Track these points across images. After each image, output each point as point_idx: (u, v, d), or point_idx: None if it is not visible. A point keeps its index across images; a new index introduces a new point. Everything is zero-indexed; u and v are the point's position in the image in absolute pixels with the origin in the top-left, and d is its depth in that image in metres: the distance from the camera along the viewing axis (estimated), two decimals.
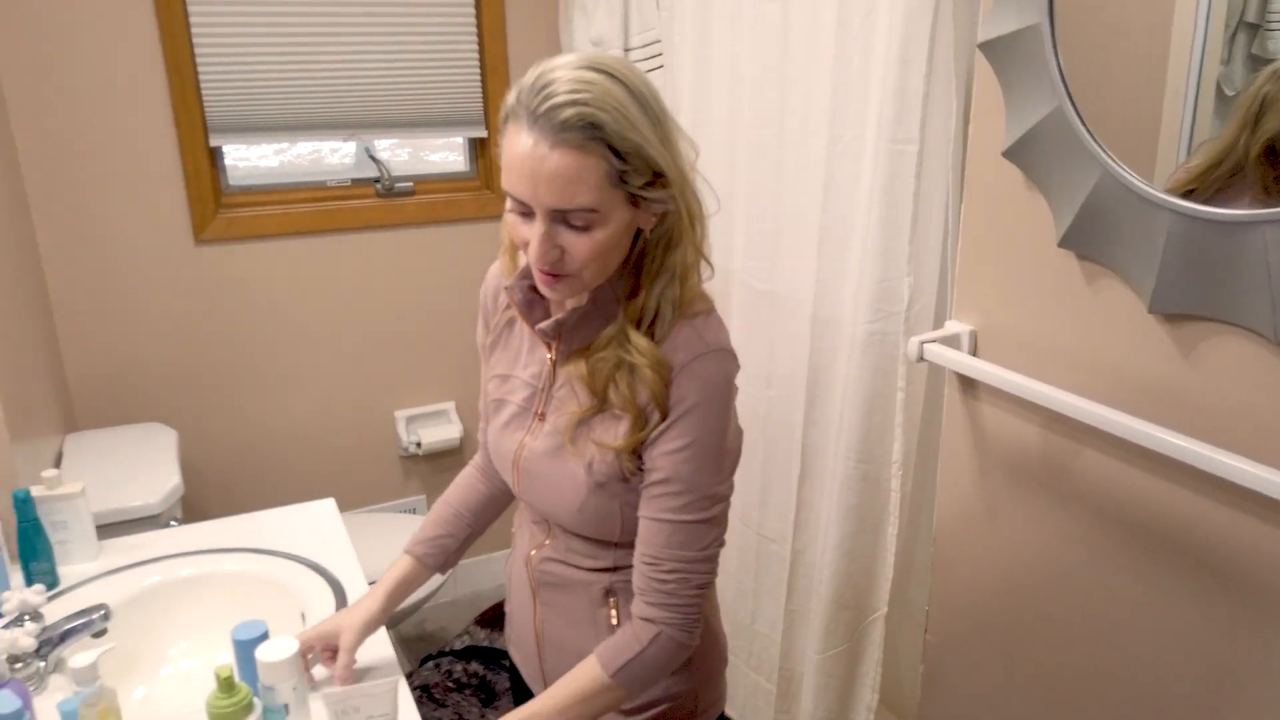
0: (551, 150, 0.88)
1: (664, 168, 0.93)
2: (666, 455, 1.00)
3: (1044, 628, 1.39)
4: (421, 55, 2.50)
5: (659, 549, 1.02)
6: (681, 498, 1.00)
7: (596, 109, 0.88)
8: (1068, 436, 1.30)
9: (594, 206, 0.91)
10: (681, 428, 0.99)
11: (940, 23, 1.46)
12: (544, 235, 0.93)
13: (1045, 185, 1.26)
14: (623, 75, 0.92)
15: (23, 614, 1.26)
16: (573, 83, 0.89)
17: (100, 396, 2.34)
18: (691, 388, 0.98)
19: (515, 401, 1.12)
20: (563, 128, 0.88)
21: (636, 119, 0.90)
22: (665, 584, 1.02)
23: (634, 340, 0.98)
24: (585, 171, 0.89)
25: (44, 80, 2.12)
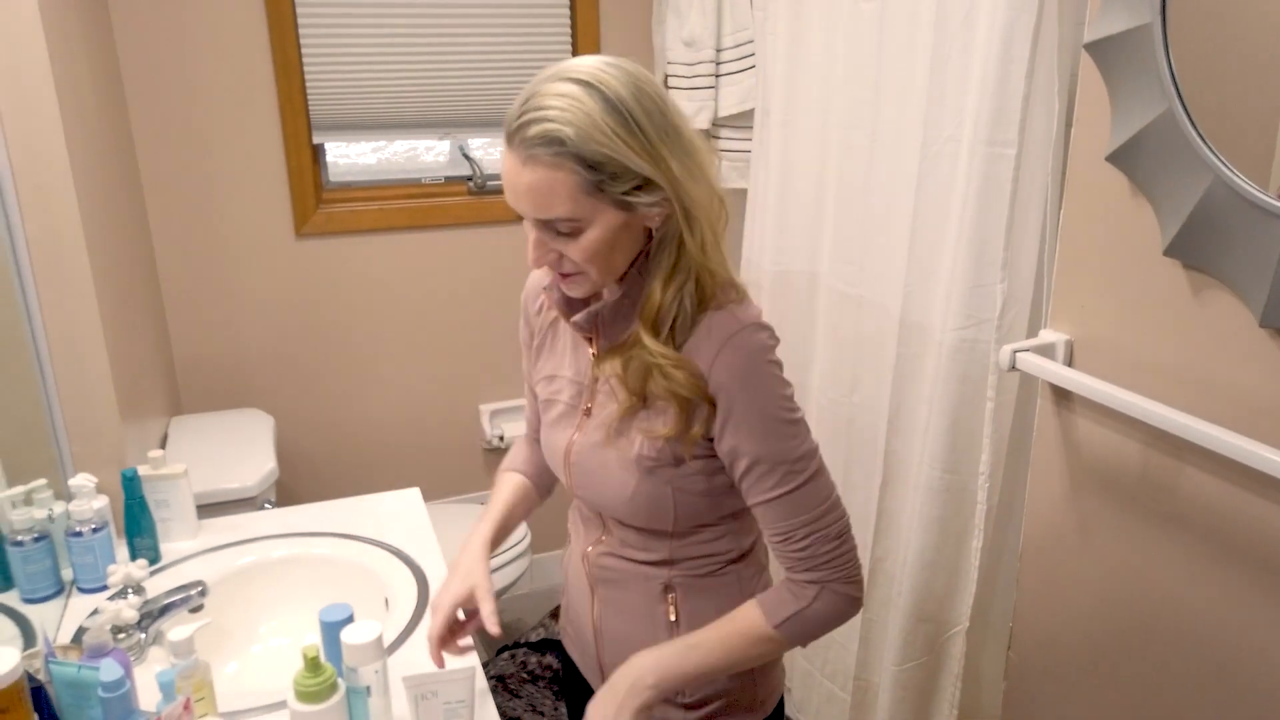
0: (523, 167, 0.93)
1: (649, 174, 0.94)
2: (739, 442, 1.00)
3: (1135, 652, 1.34)
4: (516, 56, 2.54)
5: (781, 524, 1.02)
6: (774, 474, 1.00)
7: (561, 124, 0.90)
8: (1168, 453, 1.25)
9: (571, 216, 0.94)
10: (739, 414, 0.99)
11: (1045, 21, 1.41)
12: (535, 241, 0.98)
13: (1151, 191, 1.21)
14: (606, 85, 0.93)
15: (126, 587, 1.32)
16: (550, 98, 0.92)
17: (204, 382, 2.45)
18: (732, 371, 0.99)
19: (563, 400, 1.14)
20: (530, 144, 0.91)
21: (609, 130, 0.91)
22: (804, 550, 1.02)
23: (647, 343, 1.00)
24: (556, 185, 0.92)
25: (162, 80, 2.23)
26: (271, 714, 1.15)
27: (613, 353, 1.05)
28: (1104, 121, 1.26)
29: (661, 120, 0.95)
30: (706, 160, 1.00)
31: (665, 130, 0.95)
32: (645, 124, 0.94)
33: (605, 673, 1.19)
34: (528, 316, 1.22)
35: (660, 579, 1.12)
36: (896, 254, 1.75)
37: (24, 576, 1.32)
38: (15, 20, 1.33)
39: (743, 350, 0.99)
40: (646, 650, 1.05)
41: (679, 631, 1.12)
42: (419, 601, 1.40)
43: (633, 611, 1.15)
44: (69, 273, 1.44)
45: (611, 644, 1.18)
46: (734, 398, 0.99)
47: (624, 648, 1.15)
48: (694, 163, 0.98)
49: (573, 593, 1.26)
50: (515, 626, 2.75)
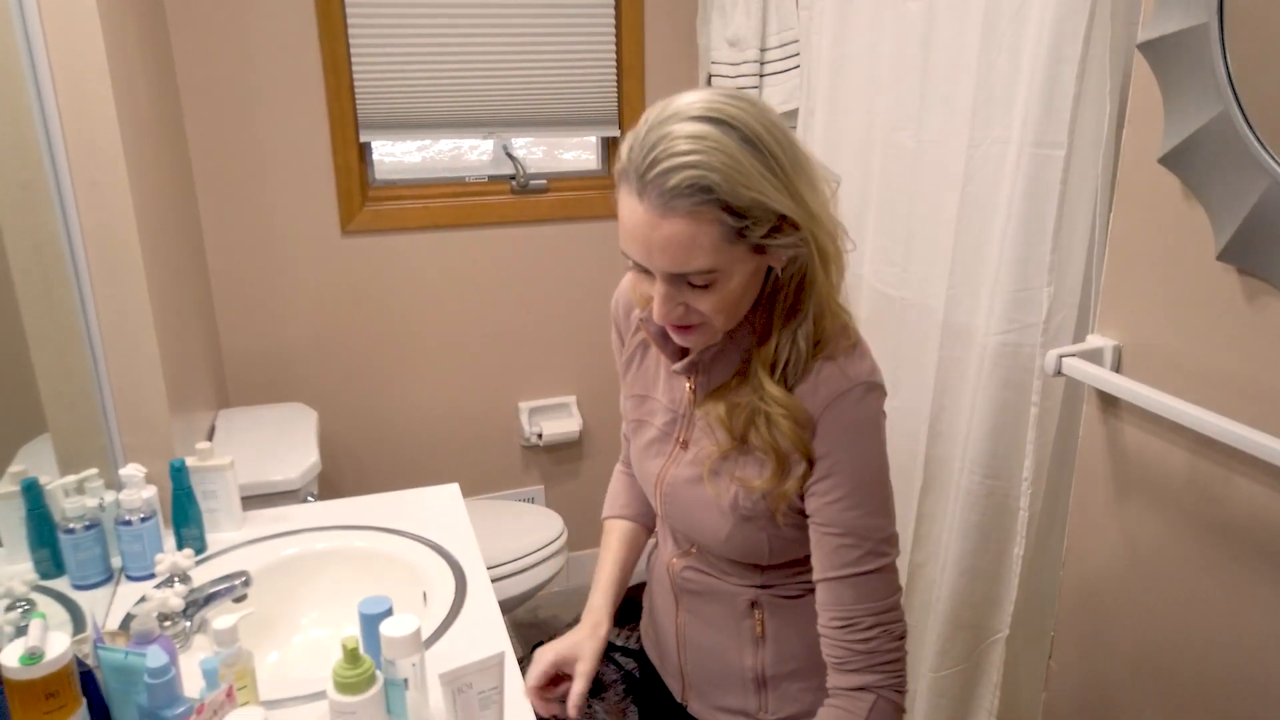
0: (662, 219, 0.85)
1: (789, 213, 0.87)
2: (829, 507, 0.96)
3: (1180, 664, 1.31)
4: (560, 56, 2.55)
5: (850, 607, 0.97)
6: (857, 549, 0.96)
7: (706, 170, 0.83)
8: (1218, 462, 1.22)
9: (712, 268, 0.87)
10: (838, 477, 0.95)
11: (1097, 20, 1.39)
12: (665, 295, 0.91)
13: (1205, 194, 1.18)
14: (739, 120, 0.85)
15: (173, 575, 1.35)
16: (682, 140, 0.84)
17: (250, 375, 2.49)
18: (838, 433, 0.94)
19: (656, 425, 1.10)
20: (672, 194, 0.83)
21: (753, 172, 0.84)
22: (868, 643, 0.97)
23: (767, 388, 0.94)
24: (699, 236, 0.85)
25: (214, 79, 2.27)
26: (311, 704, 1.17)
27: (716, 394, 1.00)
28: (1156, 123, 1.24)
29: (793, 152, 0.89)
30: (828, 190, 0.94)
31: (797, 163, 0.89)
32: (782, 159, 0.87)
33: (686, 679, 1.19)
34: (618, 326, 1.17)
35: (747, 596, 1.10)
36: (940, 256, 1.73)
37: (75, 563, 1.35)
38: (74, 20, 1.36)
39: (852, 413, 0.94)
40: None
41: (764, 646, 1.09)
42: (456, 596, 1.41)
43: (719, 624, 1.13)
44: (122, 267, 1.48)
45: (695, 652, 1.17)
46: (837, 462, 0.95)
47: (708, 658, 1.15)
48: (820, 193, 0.92)
49: (658, 597, 1.24)
50: (550, 623, 2.77)
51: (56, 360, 1.40)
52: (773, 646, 1.10)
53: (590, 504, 2.90)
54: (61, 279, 1.42)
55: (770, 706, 1.12)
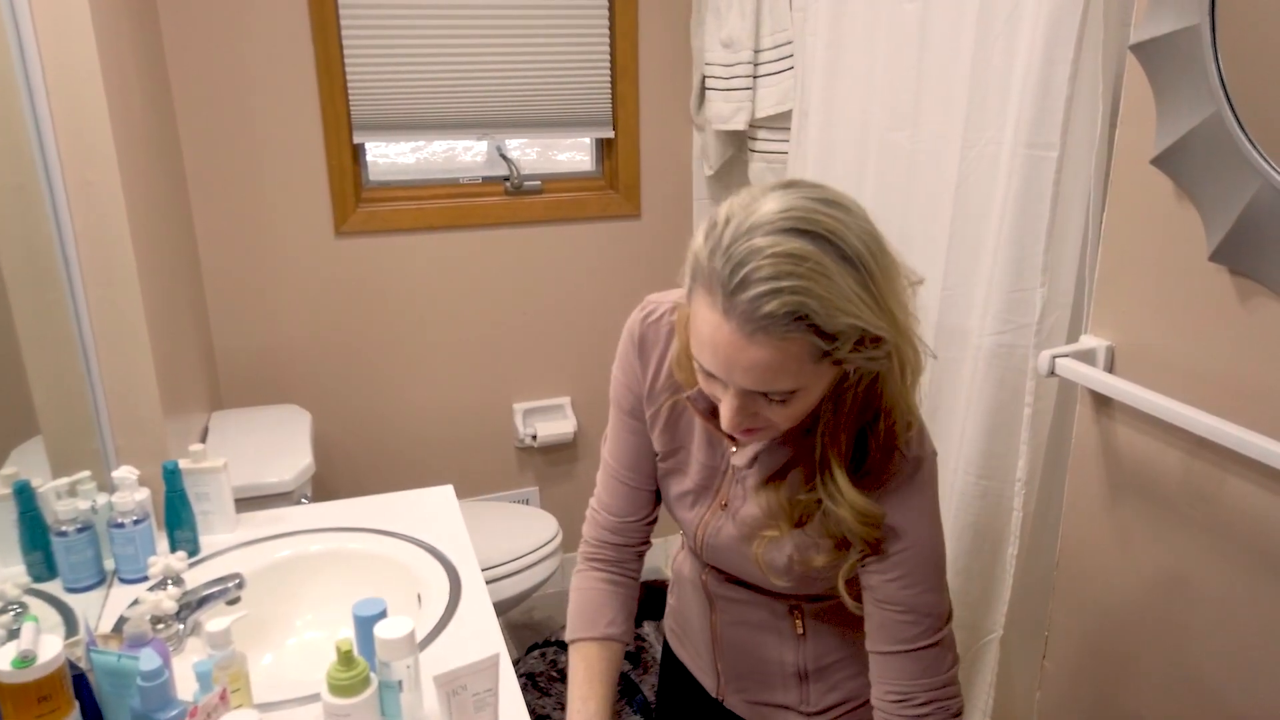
0: (749, 342, 0.79)
1: (881, 333, 0.82)
2: (888, 584, 0.95)
3: (1173, 664, 1.31)
4: (555, 57, 2.55)
5: (906, 682, 0.96)
6: (916, 626, 0.95)
7: (804, 297, 0.76)
8: (1211, 462, 1.22)
9: (795, 387, 0.83)
10: (902, 558, 0.94)
11: (1090, 22, 1.39)
12: (737, 409, 0.85)
13: (1197, 195, 1.19)
14: (836, 235, 0.79)
15: (166, 578, 1.35)
16: (776, 260, 0.76)
17: (244, 377, 2.48)
18: (902, 514, 0.93)
19: (690, 477, 1.07)
20: (766, 320, 0.77)
21: (850, 294, 0.78)
22: (923, 717, 0.96)
23: (842, 488, 0.90)
24: (789, 361, 0.80)
25: (207, 79, 2.27)
26: (305, 706, 1.16)
27: (774, 484, 0.98)
28: (1149, 124, 1.24)
29: (885, 262, 0.83)
30: (910, 291, 0.88)
31: (889, 275, 0.83)
32: (878, 275, 0.81)
33: (723, 675, 1.18)
34: (637, 364, 1.07)
35: (787, 603, 1.09)
36: (935, 257, 1.73)
37: (67, 566, 1.34)
38: (66, 21, 1.36)
39: (915, 492, 0.93)
40: None
41: (805, 643, 1.09)
42: (451, 598, 1.41)
43: (758, 625, 1.12)
44: (115, 268, 1.47)
45: (732, 650, 1.16)
46: (904, 540, 0.93)
47: (747, 655, 1.14)
48: (906, 299, 0.86)
49: (688, 600, 1.22)
50: (545, 624, 2.76)
51: (49, 362, 1.40)
52: (813, 643, 1.09)
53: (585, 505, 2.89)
54: (54, 280, 1.41)
55: (813, 699, 1.11)
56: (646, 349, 1.05)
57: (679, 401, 1.04)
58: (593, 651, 1.12)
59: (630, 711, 2.29)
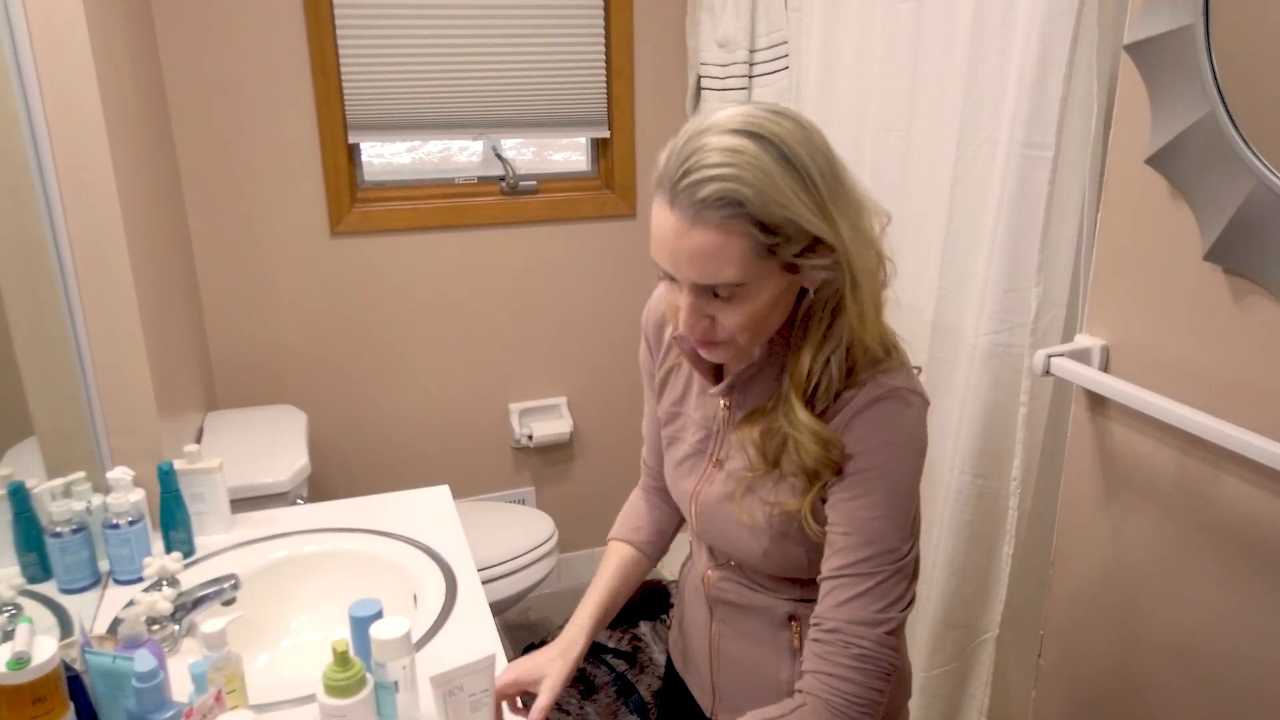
0: (692, 228, 0.84)
1: (822, 235, 0.86)
2: (844, 504, 0.94)
3: (1168, 662, 1.32)
4: (550, 57, 2.55)
5: (825, 609, 0.94)
6: (857, 552, 0.92)
7: (739, 184, 0.82)
8: (1205, 461, 1.23)
9: (739, 280, 0.87)
10: (859, 478, 0.93)
11: (1084, 22, 1.40)
12: (690, 306, 0.90)
13: (1192, 195, 1.19)
14: (777, 137, 0.84)
15: (161, 579, 1.35)
16: (718, 153, 0.83)
17: (239, 378, 2.48)
18: (867, 435, 0.92)
19: (689, 442, 1.09)
20: (702, 205, 0.83)
21: (787, 190, 0.84)
22: (821, 644, 0.93)
23: (796, 412, 0.93)
24: (728, 249, 0.84)
25: (202, 80, 2.26)
26: (301, 707, 1.16)
27: (751, 418, 0.99)
28: (1144, 124, 1.24)
29: (831, 175, 0.87)
30: (870, 217, 0.92)
31: (835, 186, 0.87)
32: (818, 180, 0.86)
33: (718, 694, 1.17)
34: (649, 341, 1.16)
35: (785, 609, 1.08)
36: (930, 257, 1.74)
37: (62, 567, 1.34)
38: (60, 22, 1.36)
39: (883, 417, 0.92)
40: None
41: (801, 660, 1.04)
42: (447, 598, 1.40)
43: (755, 636, 1.11)
44: (110, 269, 1.47)
45: (729, 665, 1.15)
46: (862, 464, 0.92)
47: (742, 671, 1.12)
48: (860, 221, 0.90)
49: (690, 610, 1.22)
50: (541, 625, 2.76)
51: (43, 363, 1.39)
52: None
53: (581, 505, 2.90)
54: (48, 281, 1.41)
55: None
56: (663, 319, 1.12)
57: (678, 362, 1.10)
58: (613, 550, 1.23)
59: (626, 711, 2.30)
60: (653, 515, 1.26)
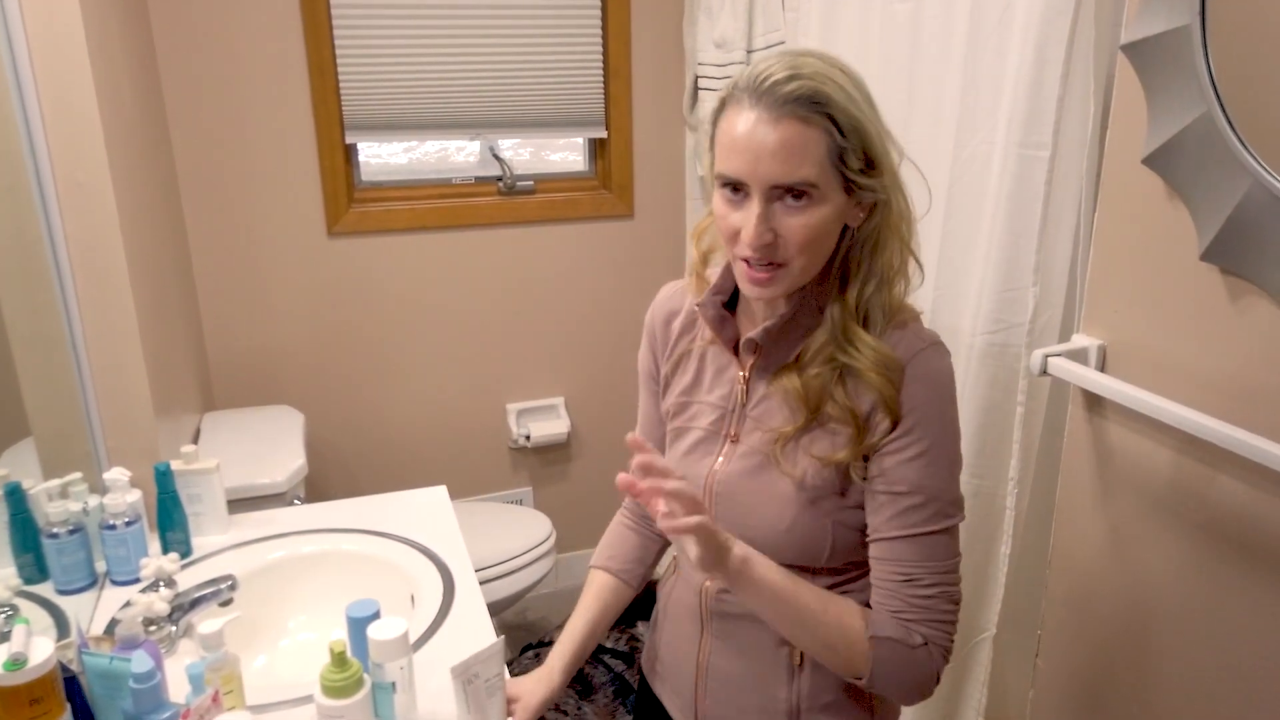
0: (776, 123, 0.89)
1: (878, 155, 0.93)
2: (905, 464, 0.95)
3: (1165, 662, 1.32)
4: (548, 57, 2.55)
5: (915, 564, 0.96)
6: (928, 508, 0.95)
7: (820, 83, 0.90)
8: (1202, 461, 1.23)
9: (814, 181, 0.90)
10: (917, 433, 0.95)
11: (1081, 23, 1.40)
12: (760, 216, 0.91)
13: (1188, 195, 1.19)
14: (840, 63, 0.94)
15: (158, 580, 1.34)
16: (794, 63, 0.91)
17: (236, 378, 2.48)
18: (921, 388, 0.94)
19: (701, 427, 1.08)
20: (786, 99, 0.89)
21: (858, 98, 0.92)
22: (928, 600, 0.96)
23: (858, 338, 0.95)
24: (810, 144, 0.89)
25: (198, 80, 2.26)
26: (298, 708, 1.16)
27: (786, 370, 1.00)
28: (1140, 124, 1.24)
29: (876, 112, 0.95)
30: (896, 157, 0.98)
31: (880, 123, 0.95)
32: (875, 111, 0.94)
33: (701, 716, 1.13)
34: (654, 341, 1.16)
35: None
36: (927, 257, 1.72)
37: (59, 568, 1.34)
38: (57, 22, 1.35)
39: (934, 368, 0.96)
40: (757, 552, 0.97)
41: (801, 675, 1.05)
42: (444, 598, 1.40)
43: (752, 652, 1.08)
44: (106, 269, 1.47)
45: (718, 685, 1.11)
46: (920, 419, 0.94)
47: (734, 691, 1.09)
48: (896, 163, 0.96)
49: (675, 626, 1.18)
50: (539, 625, 2.76)
51: (40, 363, 1.39)
52: (811, 677, 1.05)
53: (579, 505, 2.90)
54: (45, 281, 1.41)
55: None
56: (670, 313, 1.15)
57: (688, 348, 1.12)
58: (593, 580, 1.24)
59: (624, 711, 2.30)
60: (634, 541, 1.26)
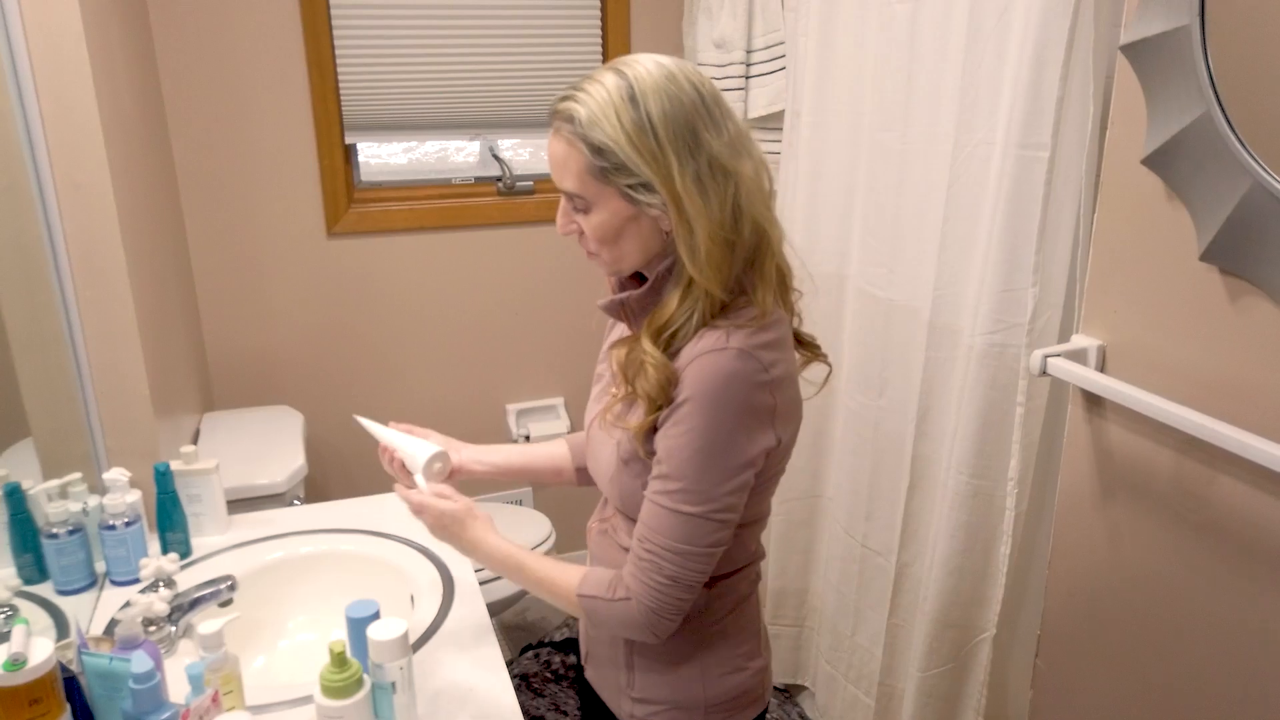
0: (552, 138, 1.00)
1: (641, 174, 0.96)
2: (665, 438, 1.00)
3: (1164, 662, 1.32)
4: (547, 57, 2.55)
5: (645, 527, 1.03)
6: (670, 483, 1.00)
7: (578, 105, 0.96)
8: (1202, 461, 1.23)
9: (578, 193, 0.99)
10: (680, 415, 0.98)
11: (1080, 23, 1.40)
12: (561, 209, 1.05)
13: (1188, 195, 1.19)
14: (640, 81, 0.95)
15: (158, 580, 1.34)
16: (589, 81, 0.98)
17: (236, 378, 2.48)
18: (692, 380, 0.98)
19: (602, 383, 1.18)
20: (555, 116, 0.99)
21: (619, 124, 0.94)
22: (643, 562, 1.02)
23: (643, 341, 1.01)
24: (569, 161, 0.98)
25: (198, 80, 2.26)
26: (298, 708, 1.16)
27: (621, 343, 1.06)
28: (1139, 124, 1.25)
29: (684, 129, 0.95)
30: (745, 184, 0.98)
31: (685, 140, 0.95)
32: (660, 127, 0.95)
33: (585, 646, 1.25)
34: None
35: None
36: (927, 257, 1.74)
37: (58, 568, 1.34)
38: (56, 23, 1.35)
39: (711, 367, 0.97)
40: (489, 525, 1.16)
41: None
42: (444, 599, 1.40)
43: None
44: (105, 270, 1.47)
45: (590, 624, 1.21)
46: (684, 402, 0.98)
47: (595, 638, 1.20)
48: (716, 182, 0.96)
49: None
50: (539, 625, 2.76)
51: (39, 364, 1.39)
52: None
53: (578, 506, 2.89)
54: (44, 282, 1.41)
55: (637, 684, 1.14)
56: None
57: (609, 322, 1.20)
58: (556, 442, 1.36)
59: None
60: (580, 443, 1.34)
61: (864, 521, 1.99)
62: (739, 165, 0.98)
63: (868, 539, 1.99)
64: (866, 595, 2.02)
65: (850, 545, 2.04)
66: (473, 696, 1.20)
